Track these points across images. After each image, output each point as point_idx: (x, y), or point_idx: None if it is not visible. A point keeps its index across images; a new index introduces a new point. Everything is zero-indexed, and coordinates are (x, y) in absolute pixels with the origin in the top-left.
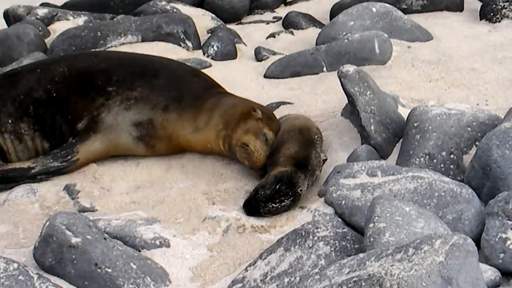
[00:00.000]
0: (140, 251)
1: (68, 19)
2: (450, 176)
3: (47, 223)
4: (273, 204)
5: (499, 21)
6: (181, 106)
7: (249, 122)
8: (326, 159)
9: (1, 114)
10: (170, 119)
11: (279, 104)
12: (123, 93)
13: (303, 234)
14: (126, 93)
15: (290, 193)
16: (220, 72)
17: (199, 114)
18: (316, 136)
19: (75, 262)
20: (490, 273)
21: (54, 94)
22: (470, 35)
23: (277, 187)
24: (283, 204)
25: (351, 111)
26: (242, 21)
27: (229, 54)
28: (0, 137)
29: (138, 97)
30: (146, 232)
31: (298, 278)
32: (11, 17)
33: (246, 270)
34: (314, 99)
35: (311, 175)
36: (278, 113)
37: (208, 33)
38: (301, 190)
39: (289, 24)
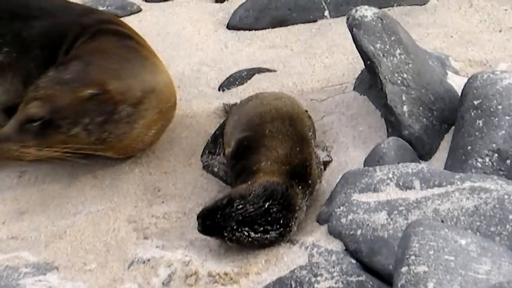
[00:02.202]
0: None
1: None
2: None
3: None
4: (252, 232)
5: None
6: None
7: None
8: (330, 161)
9: None
10: None
11: (252, 72)
12: None
13: (294, 285)
14: None
15: (282, 221)
16: (155, 21)
17: None
18: (310, 129)
19: None
20: None
21: None
22: None
23: (266, 205)
24: (266, 236)
25: (370, 82)
26: None
27: None
28: None
29: (5, 63)
30: (36, 286)
31: None
32: None
33: None
34: (310, 63)
35: (311, 192)
36: (251, 87)
37: None
38: (296, 218)
39: None
